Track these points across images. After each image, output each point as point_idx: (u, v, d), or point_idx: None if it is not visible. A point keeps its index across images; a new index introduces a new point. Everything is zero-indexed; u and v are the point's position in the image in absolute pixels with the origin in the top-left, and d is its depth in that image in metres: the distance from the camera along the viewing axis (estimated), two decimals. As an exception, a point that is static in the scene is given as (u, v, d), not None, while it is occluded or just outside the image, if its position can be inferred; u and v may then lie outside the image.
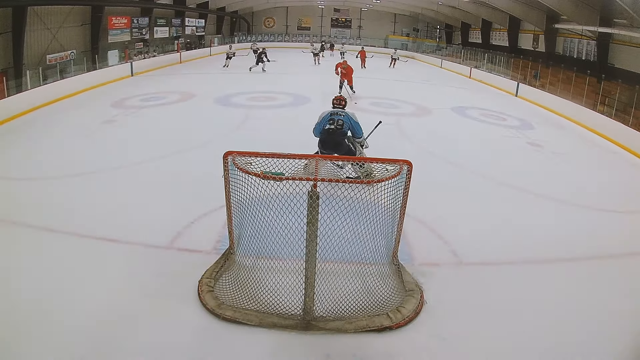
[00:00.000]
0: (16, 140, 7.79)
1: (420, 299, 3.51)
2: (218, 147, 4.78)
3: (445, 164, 7.19)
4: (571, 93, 12.68)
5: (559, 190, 6.25)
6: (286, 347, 3.02)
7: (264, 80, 15.22)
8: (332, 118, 5.50)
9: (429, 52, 28.83)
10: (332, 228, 3.27)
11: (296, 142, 6.63)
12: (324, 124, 5.51)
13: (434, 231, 4.78)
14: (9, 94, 9.81)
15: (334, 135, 5.47)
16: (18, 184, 5.73)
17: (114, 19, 17.25)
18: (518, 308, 3.57)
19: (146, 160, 6.70)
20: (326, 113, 5.60)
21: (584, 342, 3.20)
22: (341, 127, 5.46)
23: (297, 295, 3.28)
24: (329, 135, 5.47)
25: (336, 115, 5.53)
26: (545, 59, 17.64)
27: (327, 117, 5.53)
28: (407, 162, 3.40)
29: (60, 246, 4.21)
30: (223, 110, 10.42)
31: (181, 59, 20.45)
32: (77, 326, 3.10)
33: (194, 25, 24.79)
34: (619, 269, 4.32)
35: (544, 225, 5.15)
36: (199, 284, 3.55)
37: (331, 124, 5.47)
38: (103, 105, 10.61)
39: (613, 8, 13.28)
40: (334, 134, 5.47)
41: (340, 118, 5.50)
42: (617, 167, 8.22)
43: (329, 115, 5.55)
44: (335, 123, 5.46)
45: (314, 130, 5.64)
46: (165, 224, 4.62)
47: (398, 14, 34.06)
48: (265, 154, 3.28)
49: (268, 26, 35.24)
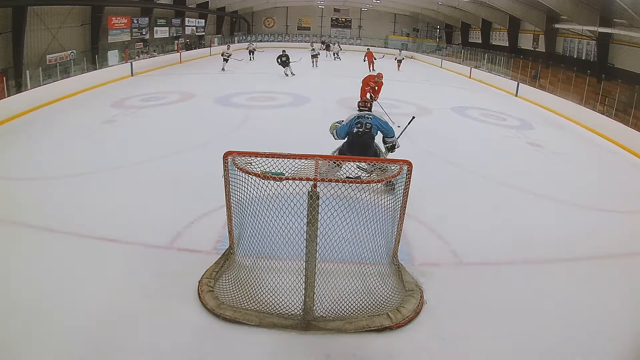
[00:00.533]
0: (16, 140, 7.79)
1: (420, 299, 3.51)
2: (218, 147, 4.78)
3: (445, 164, 7.19)
4: (571, 93, 12.68)
5: (559, 190, 6.25)
6: (286, 347, 3.02)
7: (264, 80, 15.22)
8: (360, 121, 5.43)
9: (429, 52, 28.83)
10: (332, 228, 3.27)
11: (296, 142, 6.64)
12: (350, 127, 5.45)
13: (434, 231, 4.78)
14: (9, 94, 9.82)
15: (362, 137, 5.41)
16: (18, 184, 5.73)
17: (114, 19, 17.24)
18: (518, 308, 3.57)
19: (146, 160, 6.70)
20: (353, 116, 5.52)
21: (584, 342, 3.21)
22: (369, 129, 5.41)
23: (297, 295, 3.28)
24: (358, 138, 5.42)
25: (364, 118, 5.47)
26: (545, 59, 17.64)
27: (354, 120, 5.46)
28: (407, 162, 3.40)
29: (60, 246, 4.21)
30: (223, 110, 10.42)
31: (181, 59, 20.45)
32: (77, 326, 3.10)
33: (194, 25, 24.78)
34: (619, 269, 4.33)
35: (544, 225, 5.15)
36: (199, 284, 3.55)
37: (359, 127, 5.41)
38: (103, 105, 10.61)
39: (613, 8, 13.27)
40: (363, 136, 5.41)
41: (368, 121, 5.44)
42: (617, 167, 8.22)
43: (356, 118, 5.47)
44: (364, 126, 5.41)
45: (338, 132, 5.56)
46: (165, 224, 4.62)
47: (398, 14, 34.06)
48: (265, 154, 3.27)
49: (268, 26, 35.24)
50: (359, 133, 5.42)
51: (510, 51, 20.87)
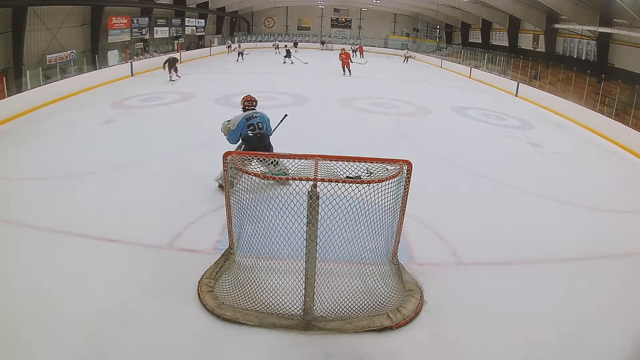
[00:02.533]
0: (16, 140, 7.78)
1: (420, 299, 3.51)
2: (218, 147, 4.78)
3: (445, 164, 7.19)
4: (571, 93, 12.68)
5: (559, 190, 6.25)
6: (286, 347, 3.02)
7: (264, 81, 15.22)
8: (252, 122, 5.21)
9: (429, 52, 28.83)
10: (332, 228, 3.26)
11: (296, 142, 6.64)
12: (243, 130, 5.19)
13: (434, 231, 4.78)
14: (9, 94, 9.81)
15: (262, 138, 5.22)
16: (18, 184, 5.73)
17: (114, 19, 17.26)
18: (518, 308, 3.56)
19: (146, 160, 6.70)
20: (241, 117, 5.25)
21: (584, 342, 3.20)
22: (262, 129, 5.24)
23: (297, 295, 3.28)
24: (259, 140, 5.20)
25: (253, 118, 5.23)
26: (545, 59, 17.65)
27: (243, 123, 5.20)
28: (407, 162, 3.40)
29: (60, 246, 4.20)
30: (223, 111, 10.41)
31: (181, 59, 20.44)
32: (77, 326, 3.09)
33: (194, 25, 24.80)
34: (619, 269, 4.32)
35: (544, 226, 5.15)
36: (199, 284, 3.55)
37: (252, 129, 5.19)
38: (103, 105, 10.61)
39: (613, 8, 13.27)
40: (262, 137, 5.22)
41: (260, 121, 5.25)
42: (617, 167, 8.22)
43: (244, 120, 5.22)
44: (256, 127, 5.20)
45: (229, 137, 5.29)
46: (165, 224, 4.62)
47: (398, 14, 34.09)
48: (265, 154, 3.28)
49: (268, 26, 35.26)
50: (257, 135, 5.19)
51: (510, 51, 20.88)
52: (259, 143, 5.20)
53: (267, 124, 5.35)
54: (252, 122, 5.22)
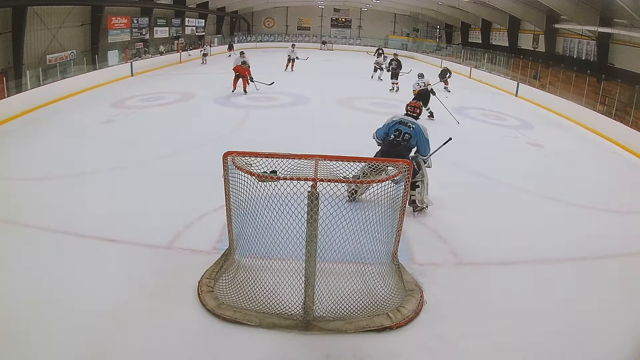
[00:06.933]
0: (16, 140, 7.78)
1: (420, 299, 3.51)
2: (218, 147, 4.78)
3: (445, 164, 7.15)
4: (571, 93, 12.67)
5: (559, 190, 6.24)
6: (286, 347, 3.02)
7: (263, 81, 15.19)
8: (399, 128, 4.88)
9: (429, 52, 28.79)
10: (332, 228, 3.26)
11: (296, 142, 6.64)
12: (388, 131, 4.92)
13: (434, 231, 4.78)
14: (9, 94, 9.81)
15: (397, 147, 4.86)
16: (18, 184, 5.73)
17: (114, 19, 17.24)
18: (518, 308, 3.57)
19: (146, 160, 6.70)
20: (395, 119, 4.99)
21: (584, 342, 3.21)
22: (407, 141, 4.86)
23: (297, 295, 3.28)
24: (392, 147, 4.87)
25: (404, 126, 4.89)
26: (545, 59, 17.64)
27: (394, 124, 4.93)
28: (407, 162, 3.40)
29: (60, 246, 4.20)
30: (223, 110, 10.43)
31: (181, 59, 20.44)
32: (77, 326, 3.10)
33: (194, 25, 24.78)
34: (619, 269, 4.32)
35: (543, 226, 5.15)
36: (199, 284, 3.55)
37: (396, 135, 4.86)
38: (103, 105, 10.60)
39: (613, 8, 13.28)
40: (398, 146, 4.86)
41: (408, 131, 4.85)
42: (617, 167, 8.22)
43: (396, 123, 4.93)
44: (402, 135, 4.85)
45: (377, 132, 5.06)
46: (165, 224, 4.62)
47: (398, 14, 34.04)
48: (265, 154, 3.27)
49: (268, 26, 35.23)
50: (394, 142, 4.87)
51: (510, 51, 20.87)
52: (393, 150, 4.85)
53: (418, 139, 4.89)
54: (400, 128, 4.90)
